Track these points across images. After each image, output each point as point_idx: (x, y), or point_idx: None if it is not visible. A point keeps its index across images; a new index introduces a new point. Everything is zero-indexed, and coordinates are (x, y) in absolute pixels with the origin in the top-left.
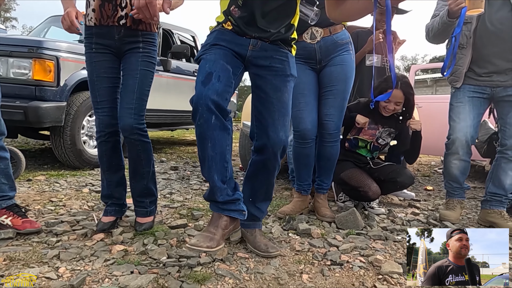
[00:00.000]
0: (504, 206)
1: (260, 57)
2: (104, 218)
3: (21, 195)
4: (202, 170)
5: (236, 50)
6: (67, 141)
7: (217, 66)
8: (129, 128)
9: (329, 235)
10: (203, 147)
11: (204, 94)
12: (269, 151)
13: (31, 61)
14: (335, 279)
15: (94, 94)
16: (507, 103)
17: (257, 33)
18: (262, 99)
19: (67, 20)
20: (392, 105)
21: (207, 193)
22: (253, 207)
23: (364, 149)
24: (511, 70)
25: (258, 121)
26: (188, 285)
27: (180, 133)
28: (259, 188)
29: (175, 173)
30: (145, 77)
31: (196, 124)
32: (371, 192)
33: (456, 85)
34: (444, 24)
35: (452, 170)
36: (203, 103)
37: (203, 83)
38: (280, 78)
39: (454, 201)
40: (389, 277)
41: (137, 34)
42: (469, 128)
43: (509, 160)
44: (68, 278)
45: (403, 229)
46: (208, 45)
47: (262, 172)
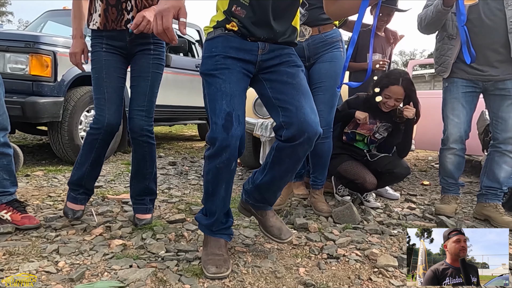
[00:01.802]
0: (500, 200)
1: (270, 59)
2: (75, 206)
3: (19, 190)
4: (206, 200)
5: (247, 58)
6: (65, 136)
7: (234, 101)
8: (139, 130)
9: (326, 229)
10: (216, 186)
11: (228, 142)
12: (303, 137)
13: (28, 56)
14: (332, 273)
15: (101, 91)
16: (497, 97)
17: (266, 34)
18: (282, 88)
19: (73, 60)
20: (392, 101)
21: (203, 220)
22: (269, 193)
23: (361, 143)
24: (501, 63)
25: (284, 110)
26: (186, 279)
27: (178, 128)
28: (282, 176)
29: (173, 168)
30: (156, 79)
31: (215, 166)
32: (367, 183)
33: (444, 75)
34: (439, 12)
35: (447, 165)
36: (227, 150)
37: (225, 128)
38: (293, 68)
39: (449, 197)
40: (385, 270)
41: (148, 36)
42: (463, 124)
43: (502, 153)
44: (68, 272)
45: (399, 223)
46: (218, 57)
47: (290, 160)
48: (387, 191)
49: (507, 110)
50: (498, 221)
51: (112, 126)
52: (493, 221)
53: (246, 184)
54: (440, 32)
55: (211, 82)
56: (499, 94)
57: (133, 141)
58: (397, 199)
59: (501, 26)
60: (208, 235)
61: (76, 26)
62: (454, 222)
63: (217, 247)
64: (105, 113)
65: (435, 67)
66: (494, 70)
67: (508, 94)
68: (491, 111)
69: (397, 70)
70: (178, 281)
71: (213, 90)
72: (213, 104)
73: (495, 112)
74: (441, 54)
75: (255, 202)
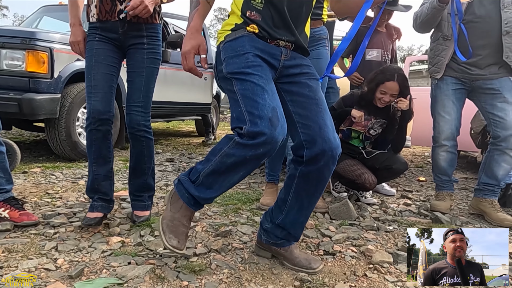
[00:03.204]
0: (496, 196)
1: (292, 66)
2: (90, 214)
3: (17, 187)
4: (207, 175)
5: (271, 62)
6: (62, 133)
7: (275, 98)
8: (136, 125)
9: (322, 226)
10: (232, 171)
11: (273, 139)
12: (327, 156)
13: (24, 52)
14: (328, 269)
15: (89, 79)
16: (488, 95)
17: (286, 35)
18: (304, 103)
19: (76, 48)
20: (388, 96)
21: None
22: (296, 226)
23: (357, 140)
24: (491, 64)
25: (305, 127)
26: (184, 276)
27: (176, 124)
28: (310, 203)
29: (171, 165)
30: (151, 74)
31: (243, 156)
32: (368, 183)
33: (436, 76)
34: (434, 9)
35: (440, 162)
36: (267, 145)
37: (272, 123)
38: (314, 81)
39: (444, 193)
40: (380, 266)
41: (141, 28)
42: (454, 121)
43: (502, 151)
44: (67, 269)
45: (394, 219)
46: (248, 54)
47: (316, 184)
48: (383, 187)
49: (502, 108)
50: (493, 217)
51: (99, 112)
52: (487, 216)
53: (264, 223)
54: (435, 33)
55: (245, 78)
56: (489, 93)
57: (131, 136)
58: (393, 195)
59: (495, 28)
60: (183, 202)
61: (74, 14)
62: (449, 219)
63: (186, 218)
64: (92, 100)
65: (429, 67)
66: (482, 70)
67: (498, 92)
68: (485, 111)
69: (392, 66)
70: (176, 278)
71: (250, 85)
72: (252, 98)
73: (491, 111)
74: (435, 55)
75: (277, 241)
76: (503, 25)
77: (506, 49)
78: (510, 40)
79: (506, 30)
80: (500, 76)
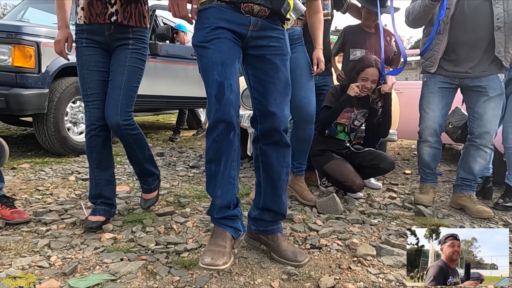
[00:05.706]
0: (474, 190)
1: (260, 37)
2: (92, 217)
3: (7, 184)
4: (209, 184)
5: (238, 31)
6: (51, 128)
7: (226, 70)
8: (116, 126)
9: (310, 220)
10: (218, 162)
11: (222, 112)
12: (277, 131)
13: (10, 47)
14: (314, 262)
15: (84, 87)
16: (475, 93)
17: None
18: (262, 81)
19: (57, 48)
20: (369, 83)
21: (210, 208)
22: (277, 201)
23: (343, 133)
24: (480, 59)
25: (260, 104)
26: (176, 271)
27: (166, 117)
28: (279, 176)
29: (161, 159)
30: (133, 73)
31: (214, 140)
32: (355, 186)
33: (430, 70)
34: (426, 7)
35: (424, 157)
36: (221, 120)
37: (217, 99)
38: (279, 57)
39: (428, 186)
40: (363, 259)
41: (128, 30)
42: (437, 118)
43: (477, 147)
44: (60, 266)
45: (379, 213)
46: (208, 28)
47: (277, 156)
48: (370, 181)
49: (483, 106)
50: (472, 210)
51: (99, 118)
52: (467, 210)
53: (252, 213)
54: (427, 27)
55: (203, 53)
56: (476, 90)
57: (116, 134)
58: (379, 188)
59: (485, 23)
60: (214, 225)
61: (61, 17)
62: (431, 211)
63: (220, 238)
64: (90, 108)
65: (422, 61)
66: (470, 68)
67: (484, 91)
68: (468, 106)
69: (367, 56)
70: (168, 273)
71: (205, 62)
72: (206, 75)
73: (472, 107)
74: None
75: (268, 226)
76: (495, 21)
77: (498, 44)
78: (502, 36)
79: (497, 25)
80: (488, 74)
